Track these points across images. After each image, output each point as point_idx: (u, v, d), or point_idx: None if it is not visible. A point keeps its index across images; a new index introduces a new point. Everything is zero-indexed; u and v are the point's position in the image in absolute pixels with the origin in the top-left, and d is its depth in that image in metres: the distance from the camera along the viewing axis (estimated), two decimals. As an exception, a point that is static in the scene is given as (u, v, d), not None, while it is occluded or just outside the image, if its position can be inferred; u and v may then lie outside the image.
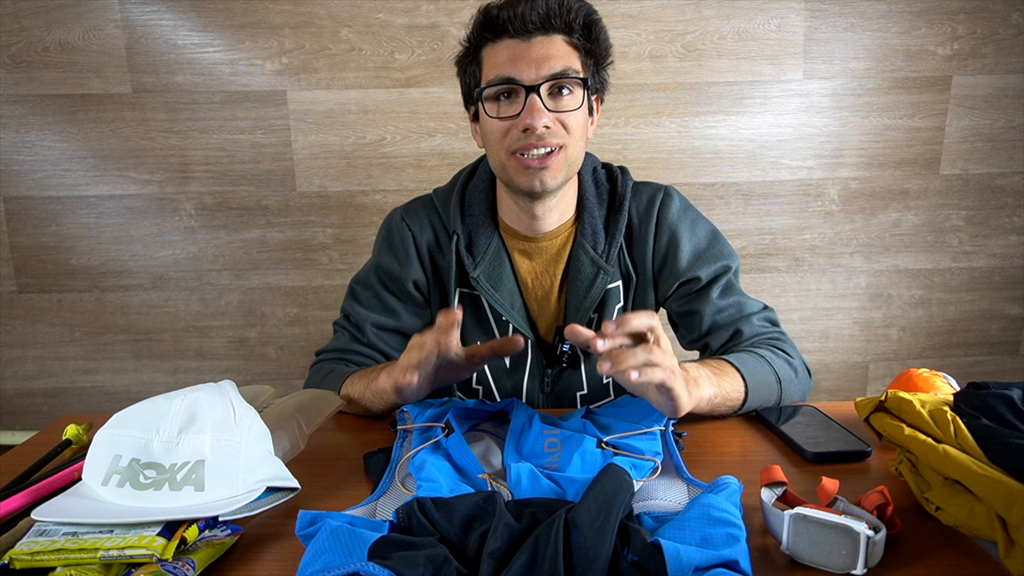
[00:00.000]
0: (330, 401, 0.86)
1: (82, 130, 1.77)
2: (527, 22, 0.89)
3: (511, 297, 1.02)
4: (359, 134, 1.80)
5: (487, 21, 0.92)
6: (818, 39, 1.78)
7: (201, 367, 1.92)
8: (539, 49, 0.89)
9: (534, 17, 0.88)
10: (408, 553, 0.49)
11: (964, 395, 0.67)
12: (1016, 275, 1.95)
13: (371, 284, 1.06)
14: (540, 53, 0.89)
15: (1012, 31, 1.79)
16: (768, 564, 0.56)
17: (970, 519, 0.56)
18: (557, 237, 1.03)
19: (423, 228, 1.05)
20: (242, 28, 1.73)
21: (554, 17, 0.89)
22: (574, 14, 0.90)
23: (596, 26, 0.93)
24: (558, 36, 0.91)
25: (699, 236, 1.03)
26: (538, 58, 0.89)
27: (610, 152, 1.81)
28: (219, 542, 0.59)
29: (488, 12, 0.92)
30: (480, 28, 0.93)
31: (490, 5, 0.92)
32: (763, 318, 1.01)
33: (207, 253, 1.86)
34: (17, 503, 0.64)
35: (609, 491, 0.53)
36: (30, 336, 1.89)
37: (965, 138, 1.86)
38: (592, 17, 0.93)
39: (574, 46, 0.92)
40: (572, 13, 0.90)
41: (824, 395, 2.00)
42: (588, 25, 0.92)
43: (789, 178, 1.87)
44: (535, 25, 0.89)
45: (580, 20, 0.91)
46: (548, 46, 0.90)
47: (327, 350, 1.07)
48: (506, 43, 0.91)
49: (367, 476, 0.75)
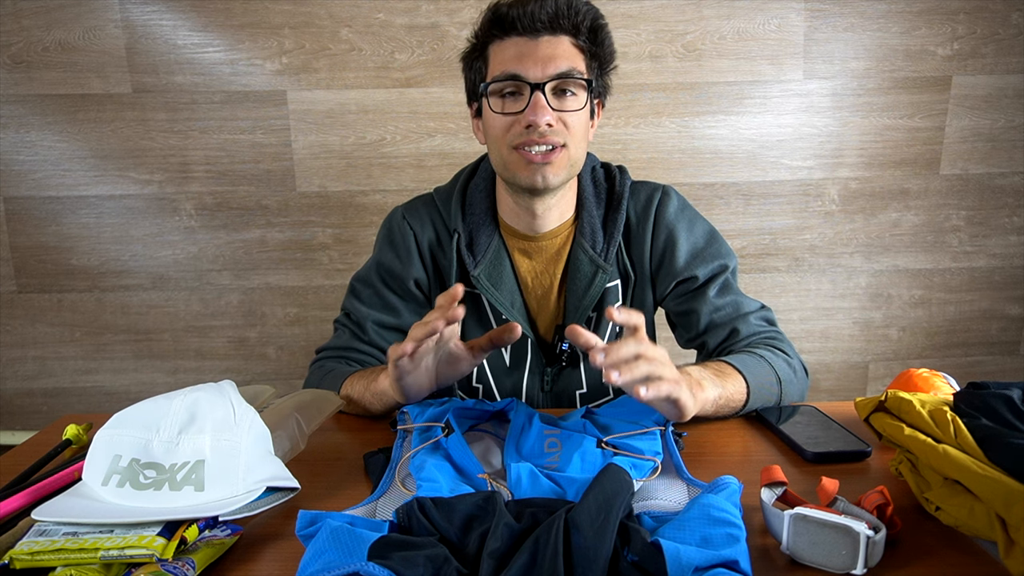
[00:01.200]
0: (330, 401, 0.86)
1: (82, 130, 1.77)
2: (536, 20, 0.89)
3: (511, 296, 1.02)
4: (359, 134, 1.80)
5: (496, 18, 0.92)
6: (818, 39, 1.78)
7: (201, 367, 1.92)
8: (546, 48, 0.90)
9: (543, 16, 0.89)
10: (408, 553, 0.49)
11: (964, 395, 0.67)
12: (1016, 275, 1.95)
13: (372, 282, 1.06)
14: (547, 52, 0.90)
15: (1012, 31, 1.79)
16: (768, 564, 0.56)
17: (970, 519, 0.56)
18: (557, 236, 1.03)
19: (424, 226, 1.05)
20: (242, 28, 1.73)
21: (562, 18, 0.90)
22: (582, 16, 0.91)
23: (602, 31, 0.94)
24: (565, 37, 0.92)
25: (696, 235, 1.03)
26: (545, 57, 0.90)
27: (610, 152, 1.81)
28: (219, 542, 0.59)
29: (497, 9, 0.92)
30: (489, 25, 0.94)
31: (500, 3, 0.93)
32: (760, 317, 1.01)
33: (207, 253, 1.86)
34: (17, 503, 0.64)
35: (609, 491, 0.53)
36: (30, 336, 1.89)
37: (965, 138, 1.86)
38: (599, 21, 0.94)
39: (580, 48, 0.93)
40: (580, 15, 0.91)
41: (824, 395, 2.00)
42: (595, 29, 0.93)
43: (789, 178, 1.87)
44: (543, 24, 0.90)
45: (587, 23, 0.92)
46: (555, 46, 0.90)
47: (328, 348, 1.07)
48: (513, 40, 0.91)
49: (367, 476, 0.75)
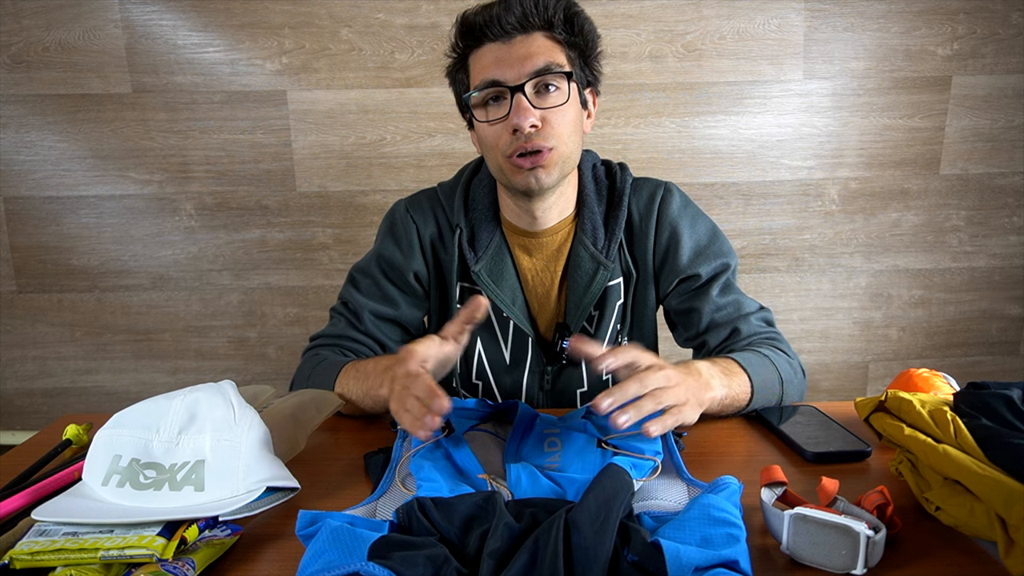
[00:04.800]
0: (330, 401, 0.86)
1: (82, 130, 1.77)
2: (504, 24, 0.89)
3: (512, 292, 1.02)
4: (359, 134, 1.80)
5: (466, 29, 0.92)
6: (818, 39, 1.78)
7: (201, 367, 1.92)
8: (520, 49, 0.89)
9: (511, 19, 0.88)
10: (408, 553, 0.49)
11: (964, 395, 0.67)
12: (1016, 275, 1.95)
13: (372, 272, 1.06)
14: (521, 52, 0.89)
15: (1012, 31, 1.79)
16: (768, 564, 0.56)
17: (970, 519, 0.56)
18: (557, 233, 1.03)
19: (427, 221, 1.05)
20: (242, 28, 1.73)
21: (531, 16, 0.89)
22: (552, 10, 0.90)
23: (578, 18, 0.92)
24: (538, 34, 0.90)
25: (699, 233, 1.03)
26: (520, 57, 0.89)
27: (610, 152, 1.80)
28: (219, 542, 0.59)
29: (465, 20, 0.92)
30: (460, 37, 0.93)
31: (467, 12, 0.92)
32: (760, 318, 1.01)
33: (207, 253, 1.86)
34: (17, 503, 0.64)
35: (609, 491, 0.53)
36: (30, 336, 1.89)
37: (965, 138, 1.86)
38: (572, 10, 0.92)
39: (556, 41, 0.91)
40: (550, 10, 0.90)
41: (824, 395, 2.00)
42: (569, 19, 0.92)
43: (789, 178, 1.87)
44: (513, 26, 0.89)
45: (560, 15, 0.90)
46: (529, 45, 0.89)
47: (322, 335, 1.05)
48: (488, 47, 0.91)
49: (367, 476, 0.75)
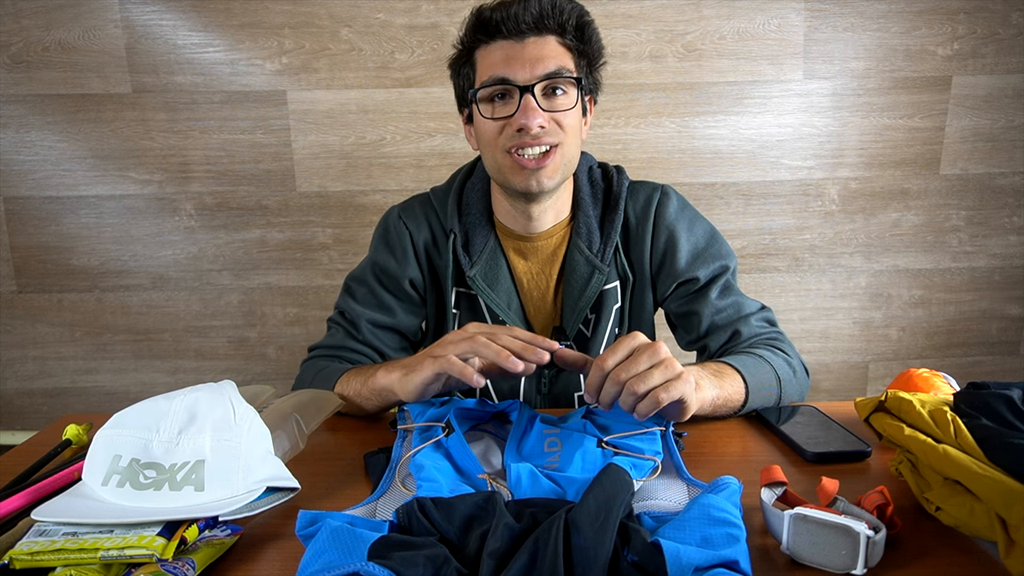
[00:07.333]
0: (330, 401, 0.86)
1: (82, 130, 1.77)
2: (520, 23, 0.89)
3: (508, 297, 1.02)
4: (359, 134, 1.80)
5: (480, 23, 0.92)
6: (818, 39, 1.78)
7: (201, 367, 1.92)
8: (533, 50, 0.89)
9: (527, 18, 0.89)
10: (408, 553, 0.49)
11: (964, 395, 0.67)
12: (1016, 275, 1.95)
13: (367, 281, 1.06)
14: (534, 53, 0.89)
15: (1012, 31, 1.79)
16: (768, 564, 0.56)
17: (970, 519, 0.56)
18: (552, 236, 1.02)
19: (420, 227, 1.05)
20: (242, 28, 1.73)
21: (547, 18, 0.89)
22: (567, 15, 0.90)
23: (589, 27, 0.93)
24: (551, 37, 0.91)
25: (697, 236, 1.03)
26: (532, 58, 0.89)
27: (610, 152, 1.81)
28: (219, 542, 0.59)
29: (481, 14, 0.92)
30: (473, 30, 0.93)
31: (483, 7, 0.92)
32: (761, 318, 1.01)
33: (207, 253, 1.86)
34: (17, 503, 0.64)
35: (609, 491, 0.53)
36: (30, 336, 1.89)
37: (965, 138, 1.86)
38: (585, 19, 0.93)
39: (567, 47, 0.92)
40: (565, 14, 0.90)
41: (824, 395, 2.00)
42: (581, 27, 0.92)
43: (789, 178, 1.87)
44: (528, 26, 0.89)
45: (573, 21, 0.91)
46: (542, 47, 0.90)
47: (320, 346, 1.06)
48: (499, 44, 0.91)
49: (367, 476, 0.75)
